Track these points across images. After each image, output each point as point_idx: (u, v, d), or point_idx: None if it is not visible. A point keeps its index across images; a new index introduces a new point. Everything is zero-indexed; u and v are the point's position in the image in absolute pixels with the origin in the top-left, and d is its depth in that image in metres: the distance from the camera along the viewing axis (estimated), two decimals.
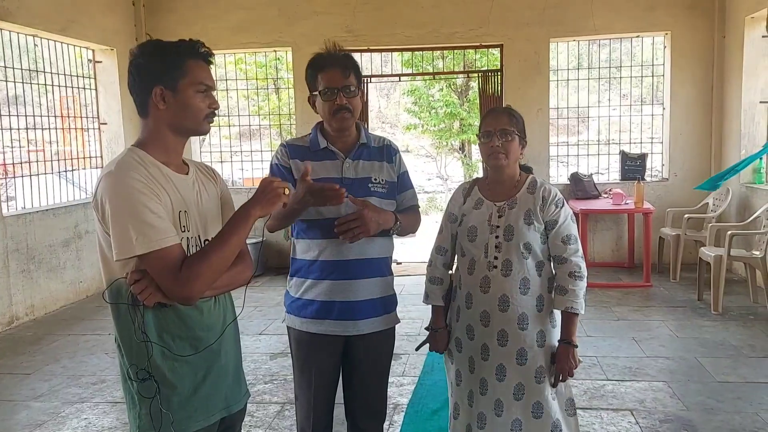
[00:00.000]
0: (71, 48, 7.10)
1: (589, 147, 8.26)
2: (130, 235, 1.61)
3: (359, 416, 2.51)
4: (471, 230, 2.42)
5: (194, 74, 1.76)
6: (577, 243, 2.36)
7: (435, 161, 18.61)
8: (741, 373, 4.19)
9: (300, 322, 2.40)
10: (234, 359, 1.94)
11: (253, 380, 4.32)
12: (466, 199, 2.50)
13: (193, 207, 1.81)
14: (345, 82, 2.31)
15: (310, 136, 2.46)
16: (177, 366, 1.74)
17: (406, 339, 5.01)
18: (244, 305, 1.99)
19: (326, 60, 2.35)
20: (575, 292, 2.31)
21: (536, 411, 2.34)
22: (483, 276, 2.37)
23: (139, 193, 1.64)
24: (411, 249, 8.62)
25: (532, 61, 7.64)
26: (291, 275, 2.47)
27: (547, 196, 2.36)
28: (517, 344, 2.34)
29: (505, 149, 2.35)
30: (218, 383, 1.84)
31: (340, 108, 2.31)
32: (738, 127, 6.90)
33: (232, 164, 8.64)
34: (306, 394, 2.43)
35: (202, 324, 1.79)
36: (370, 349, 2.44)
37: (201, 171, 1.94)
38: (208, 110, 1.81)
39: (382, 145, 2.52)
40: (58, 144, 7.11)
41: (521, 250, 2.33)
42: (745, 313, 5.51)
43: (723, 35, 7.21)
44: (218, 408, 1.84)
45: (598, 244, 7.73)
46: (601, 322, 5.44)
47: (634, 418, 3.59)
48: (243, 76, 8.96)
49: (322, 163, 2.38)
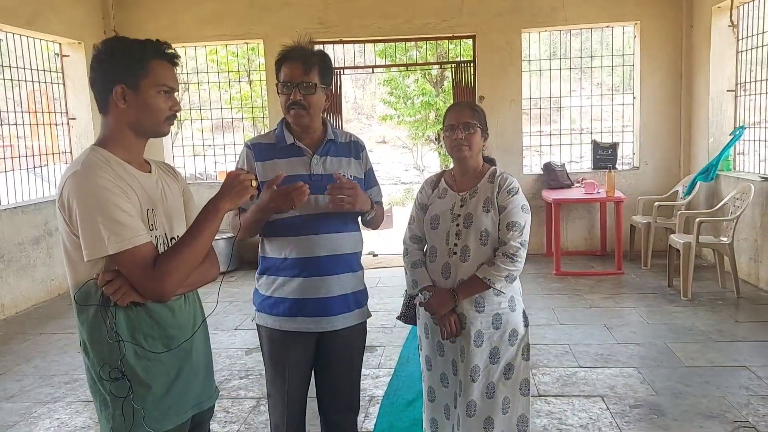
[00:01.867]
0: (38, 42, 6.97)
1: (562, 137, 8.34)
2: (102, 234, 1.60)
3: (333, 410, 2.53)
4: (434, 219, 2.52)
5: (157, 75, 1.75)
6: (521, 232, 2.39)
7: (411, 152, 18.64)
8: (709, 358, 4.28)
9: (272, 320, 2.39)
10: (204, 357, 1.94)
11: (229, 375, 4.31)
12: (433, 189, 2.61)
13: (159, 205, 1.80)
14: (304, 78, 2.28)
15: (276, 132, 2.45)
16: (150, 365, 1.73)
17: (382, 331, 5.03)
18: (218, 301, 2.00)
19: (290, 53, 2.33)
20: (501, 268, 2.36)
21: (489, 391, 2.43)
22: (444, 262, 2.47)
23: (109, 192, 1.63)
24: (388, 241, 8.65)
25: (505, 52, 7.67)
26: (260, 273, 2.46)
27: (502, 183, 2.45)
28: (475, 327, 2.42)
29: (468, 141, 2.46)
30: (190, 381, 1.84)
31: (294, 103, 2.30)
32: (706, 115, 7.00)
33: (205, 158, 8.56)
34: (279, 391, 2.43)
35: (174, 323, 1.79)
36: (343, 344, 2.46)
37: (162, 169, 1.93)
38: (169, 112, 1.79)
39: (349, 141, 2.52)
40: (26, 139, 6.98)
41: (480, 237, 2.41)
42: (714, 299, 5.62)
43: (691, 25, 7.30)
44: (190, 405, 1.85)
45: (571, 232, 7.82)
46: (574, 309, 5.52)
47: (605, 404, 3.65)
48: (216, 68, 8.85)
49: (289, 160, 2.37)
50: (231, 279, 7.21)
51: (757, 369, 4.04)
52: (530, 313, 2.61)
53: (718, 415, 3.46)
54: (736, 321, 5.03)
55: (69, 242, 1.68)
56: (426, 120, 15.29)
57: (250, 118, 8.90)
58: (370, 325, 2.62)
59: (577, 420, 3.49)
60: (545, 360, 4.34)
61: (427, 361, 2.62)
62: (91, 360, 1.73)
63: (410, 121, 15.44)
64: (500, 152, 7.34)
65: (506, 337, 2.44)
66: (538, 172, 7.90)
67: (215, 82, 8.45)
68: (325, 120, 2.48)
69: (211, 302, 2.01)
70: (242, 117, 8.93)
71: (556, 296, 5.99)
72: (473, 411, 2.42)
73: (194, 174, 8.61)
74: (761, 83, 6.26)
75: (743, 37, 6.61)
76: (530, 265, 6.93)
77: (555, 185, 7.50)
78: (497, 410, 2.43)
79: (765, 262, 5.82)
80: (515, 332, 2.45)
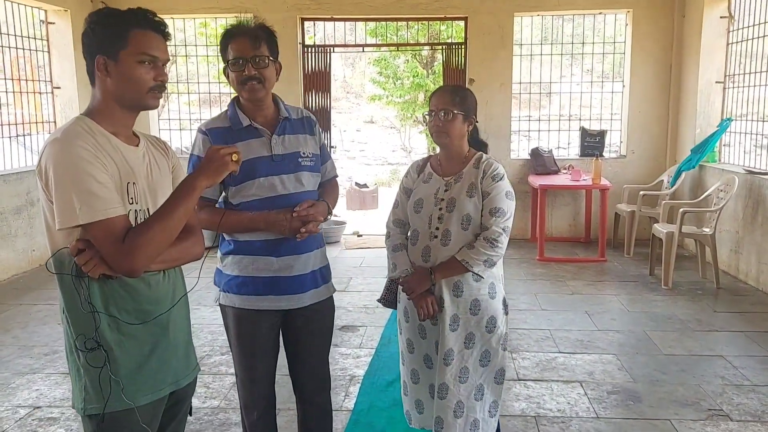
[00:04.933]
0: (23, 8, 6.82)
1: (551, 122, 8.34)
2: (74, 204, 1.58)
3: (308, 388, 2.56)
4: (418, 203, 2.52)
5: (138, 44, 1.70)
6: (504, 218, 2.38)
7: (399, 133, 18.58)
8: (686, 346, 4.34)
9: (240, 299, 2.39)
10: (184, 334, 1.92)
11: (210, 351, 4.31)
12: (419, 174, 2.60)
13: (142, 179, 1.77)
14: (254, 53, 2.26)
15: (228, 114, 2.40)
16: (123, 339, 1.72)
17: (364, 311, 5.04)
18: (199, 278, 1.96)
19: (236, 30, 2.32)
20: (480, 252, 2.35)
21: (462, 376, 2.43)
22: (424, 246, 2.47)
23: (85, 161, 1.61)
24: (372, 221, 8.64)
25: (496, 35, 7.63)
26: (226, 254, 2.44)
27: (487, 169, 2.44)
28: (452, 311, 2.42)
29: (446, 128, 2.43)
30: (166, 357, 1.82)
31: (249, 78, 2.27)
32: (694, 106, 7.03)
33: (191, 132, 8.47)
34: (248, 371, 2.44)
35: (150, 297, 1.76)
36: (314, 319, 2.48)
37: (153, 144, 1.90)
38: (153, 83, 1.73)
39: (302, 117, 2.50)
40: (8, 107, 6.86)
41: (461, 221, 2.40)
42: (694, 288, 5.69)
43: (683, 15, 7.30)
44: (167, 382, 1.83)
45: (556, 219, 7.86)
46: (556, 295, 5.56)
47: (583, 390, 3.70)
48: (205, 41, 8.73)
49: (247, 142, 2.33)
50: (213, 255, 7.16)
51: (732, 359, 4.11)
52: (512, 298, 2.62)
53: (693, 403, 3.51)
54: (714, 311, 5.10)
55: (47, 209, 1.67)
56: (415, 101, 15.22)
57: None
58: (352, 305, 2.65)
59: (555, 404, 3.53)
60: (525, 345, 4.38)
61: (408, 345, 2.60)
62: (69, 329, 1.72)
63: (399, 101, 15.36)
64: (488, 136, 7.30)
65: (483, 324, 2.43)
66: (526, 157, 7.90)
67: (204, 56, 8.34)
68: (276, 97, 2.44)
69: (193, 278, 1.98)
70: (230, 92, 8.83)
71: (538, 282, 6.02)
72: (444, 394, 2.43)
73: (180, 148, 8.53)
74: (751, 76, 6.28)
75: (735, 29, 6.63)
76: (514, 250, 6.98)
77: (542, 171, 7.51)
78: (470, 396, 2.43)
79: (745, 254, 5.89)
80: (493, 319, 2.44)
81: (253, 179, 2.32)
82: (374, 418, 3.40)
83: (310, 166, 2.43)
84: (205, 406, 3.54)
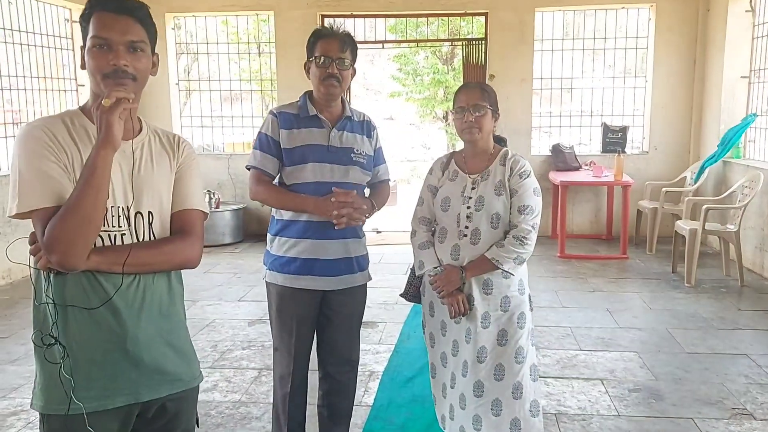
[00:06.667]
0: (48, 7, 6.92)
1: (572, 118, 8.28)
2: (14, 192, 1.53)
3: (331, 363, 2.74)
4: (445, 201, 2.52)
5: (94, 27, 1.58)
6: (533, 215, 2.41)
7: (419, 129, 18.54)
8: (710, 345, 4.29)
9: (282, 278, 2.58)
10: (151, 353, 1.68)
11: (231, 346, 4.35)
12: (444, 171, 2.61)
13: (122, 175, 1.63)
14: (340, 55, 2.50)
15: (299, 103, 2.62)
16: (74, 344, 1.59)
17: (384, 308, 5.05)
18: (178, 285, 1.78)
19: (327, 32, 2.55)
20: (510, 250, 2.37)
21: (498, 373, 2.42)
22: (453, 244, 2.47)
23: (36, 151, 1.53)
24: (392, 218, 8.64)
25: (517, 30, 7.59)
26: (274, 234, 2.63)
27: (514, 166, 2.45)
28: (482, 308, 2.43)
29: (478, 124, 2.45)
30: (122, 369, 1.63)
31: (330, 76, 2.49)
32: (718, 101, 6.93)
33: (213, 129, 8.54)
34: (286, 345, 2.63)
35: (106, 299, 1.60)
36: (346, 302, 2.66)
37: (160, 140, 1.77)
38: (108, 68, 1.56)
39: (363, 120, 2.71)
40: (34, 105, 6.97)
41: (491, 220, 2.42)
42: (717, 286, 5.61)
43: (707, 9, 7.20)
44: (123, 393, 1.64)
45: (577, 215, 7.80)
46: (577, 293, 5.53)
47: (604, 387, 3.67)
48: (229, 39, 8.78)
49: (309, 130, 2.55)
50: (236, 251, 7.24)
51: (757, 357, 4.05)
52: (533, 295, 2.61)
53: (716, 402, 3.47)
54: (738, 309, 5.03)
55: None
56: (434, 97, 15.18)
57: (259, 90, 8.85)
58: (371, 300, 2.72)
59: (575, 402, 3.51)
60: (546, 342, 4.36)
61: (431, 338, 2.64)
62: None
63: (419, 98, 15.34)
64: (509, 132, 7.27)
65: (515, 320, 2.43)
66: (546, 153, 7.86)
67: (225, 53, 8.40)
68: (343, 98, 2.67)
69: (216, 273, 2.00)
70: (251, 89, 8.89)
71: (559, 279, 5.99)
72: (480, 391, 2.41)
73: (201, 145, 8.60)
74: None
75: (759, 23, 6.52)
76: (535, 247, 6.92)
77: (563, 167, 7.46)
78: (507, 394, 2.41)
79: None
80: (523, 315, 2.45)
81: (307, 163, 2.51)
82: (394, 413, 3.41)
83: (362, 163, 2.61)
84: (226, 400, 3.57)
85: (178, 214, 1.75)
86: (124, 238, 1.64)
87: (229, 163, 8.06)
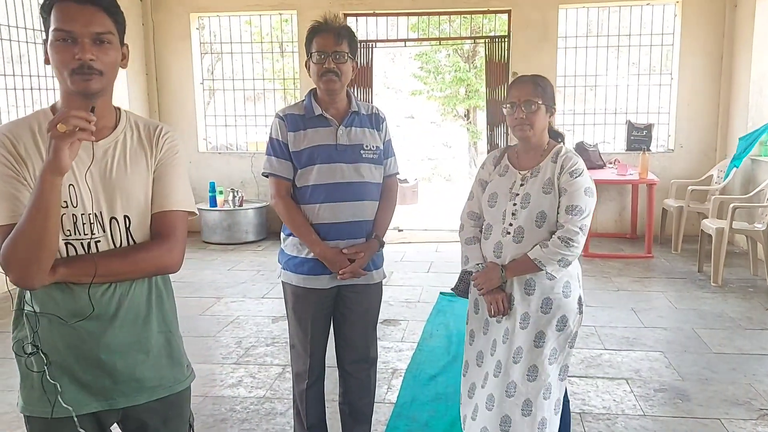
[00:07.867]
0: None
1: (596, 116, 8.20)
2: None
3: (348, 361, 2.75)
4: (492, 196, 2.47)
5: (55, 19, 1.46)
6: (581, 216, 2.30)
7: (440, 128, 18.51)
8: (737, 345, 4.23)
9: (297, 278, 2.59)
10: (128, 365, 1.63)
11: (255, 342, 4.39)
12: (495, 166, 2.55)
13: (92, 178, 1.55)
14: (336, 48, 2.44)
15: (304, 103, 2.58)
16: (49, 349, 1.57)
17: (406, 306, 5.06)
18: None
19: (322, 27, 2.49)
20: (554, 252, 2.28)
21: (531, 374, 2.37)
22: (497, 241, 2.42)
23: None
24: (413, 217, 8.65)
25: (540, 28, 7.54)
26: (288, 234, 2.63)
27: (565, 164, 2.36)
28: (522, 308, 2.38)
29: (530, 120, 2.35)
30: (92, 378, 1.59)
31: (328, 71, 2.45)
32: (746, 98, 6.83)
33: (236, 128, 8.60)
34: (302, 342, 2.66)
35: (74, 308, 1.54)
36: (360, 300, 2.67)
37: (138, 135, 1.65)
38: (73, 63, 1.46)
39: (371, 113, 2.66)
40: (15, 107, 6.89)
41: (535, 219, 2.34)
42: (745, 286, 5.53)
43: (735, 4, 7.09)
44: (97, 400, 1.61)
45: (601, 214, 7.73)
46: (601, 292, 5.48)
47: (629, 387, 3.64)
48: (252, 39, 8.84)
49: (316, 130, 2.52)
50: (259, 248, 7.29)
51: None
52: None
53: (744, 403, 3.43)
54: (766, 309, 4.95)
55: None
56: (456, 96, 15.14)
57: (281, 89, 8.90)
58: (393, 298, 2.71)
59: (600, 401, 3.49)
60: None
61: (471, 335, 2.58)
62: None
63: (440, 96, 15.31)
64: None
65: (554, 323, 2.36)
66: None
67: (248, 53, 8.46)
68: (349, 92, 2.62)
69: (240, 270, 2.02)
70: (274, 88, 8.94)
71: (583, 278, 5.88)
72: (513, 392, 2.37)
73: (225, 144, 8.68)
74: None
75: None
76: None
77: (587, 165, 7.31)
78: (539, 395, 2.36)
79: None
80: (564, 318, 2.37)
81: (314, 165, 2.49)
82: (417, 411, 3.41)
83: (372, 159, 2.57)
84: (251, 396, 3.60)
85: (157, 216, 1.63)
86: (99, 245, 1.56)
87: (252, 161, 8.12)
